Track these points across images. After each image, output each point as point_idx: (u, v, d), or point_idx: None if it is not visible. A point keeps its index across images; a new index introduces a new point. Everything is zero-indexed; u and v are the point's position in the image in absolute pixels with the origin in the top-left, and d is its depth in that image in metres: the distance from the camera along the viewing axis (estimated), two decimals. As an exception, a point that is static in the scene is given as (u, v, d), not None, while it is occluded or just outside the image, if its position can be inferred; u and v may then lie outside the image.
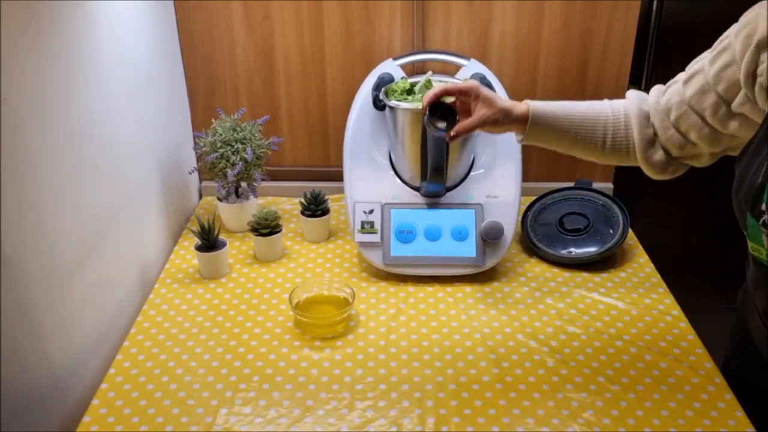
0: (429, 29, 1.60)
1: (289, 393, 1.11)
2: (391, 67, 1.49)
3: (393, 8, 1.58)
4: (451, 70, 1.51)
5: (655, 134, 1.09)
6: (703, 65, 1.00)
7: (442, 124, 1.14)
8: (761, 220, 0.86)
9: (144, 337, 1.23)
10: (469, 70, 1.47)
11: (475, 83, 1.15)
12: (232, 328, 1.26)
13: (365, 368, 1.16)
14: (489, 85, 1.41)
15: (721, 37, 0.98)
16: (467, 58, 1.51)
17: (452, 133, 1.13)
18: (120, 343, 1.23)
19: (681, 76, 1.06)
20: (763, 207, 0.85)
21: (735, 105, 0.96)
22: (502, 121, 1.12)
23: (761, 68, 0.89)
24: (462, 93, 1.13)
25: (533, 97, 1.64)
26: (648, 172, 1.12)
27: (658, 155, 1.09)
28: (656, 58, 1.70)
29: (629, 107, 1.11)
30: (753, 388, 1.11)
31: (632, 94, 1.13)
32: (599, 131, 1.11)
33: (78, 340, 1.12)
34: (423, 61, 1.56)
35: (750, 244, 0.93)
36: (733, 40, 0.94)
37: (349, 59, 1.63)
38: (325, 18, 1.59)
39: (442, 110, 1.14)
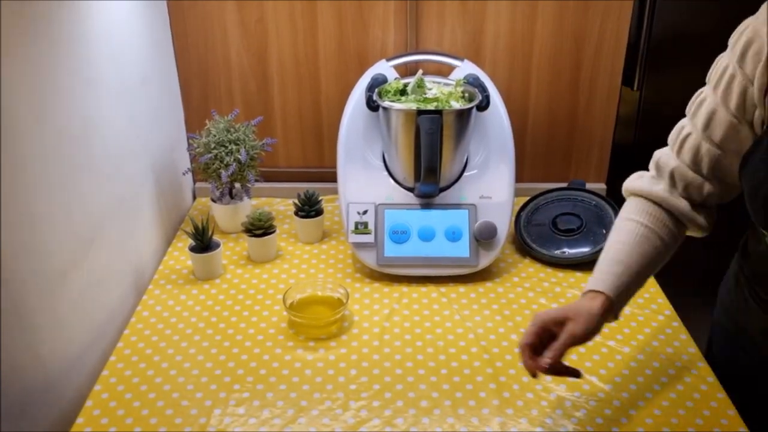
0: (422, 30, 1.60)
1: (283, 393, 1.11)
2: (384, 68, 1.49)
3: (386, 9, 1.58)
4: (445, 70, 1.52)
5: (689, 198, 1.01)
6: (716, 104, 0.93)
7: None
8: None
9: (137, 339, 1.23)
10: (462, 71, 1.48)
11: (541, 320, 0.96)
12: (226, 329, 1.26)
13: (359, 368, 1.16)
14: (482, 86, 1.41)
15: (717, 69, 0.94)
16: (461, 58, 1.52)
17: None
18: (114, 344, 1.23)
19: (688, 128, 0.98)
20: None
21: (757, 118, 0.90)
22: (592, 328, 0.95)
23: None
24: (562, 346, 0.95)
25: (527, 98, 1.67)
26: (703, 233, 1.04)
27: (700, 219, 1.01)
28: (648, 59, 1.71)
29: (653, 206, 1.03)
30: (744, 381, 1.12)
31: (631, 199, 1.05)
32: (657, 258, 1.02)
33: (71, 341, 1.12)
34: (416, 62, 1.57)
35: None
36: (737, 67, 0.90)
37: (343, 60, 1.64)
38: (318, 19, 1.59)
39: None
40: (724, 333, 1.18)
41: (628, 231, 1.01)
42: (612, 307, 0.96)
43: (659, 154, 1.04)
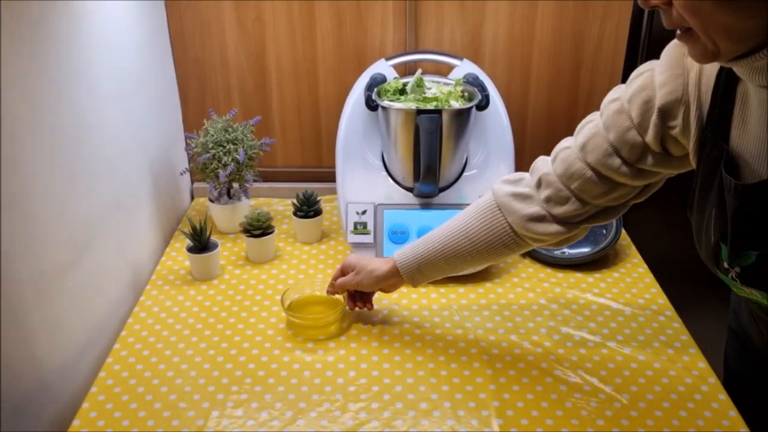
0: (421, 29, 1.60)
1: (281, 395, 1.10)
2: (383, 67, 1.49)
3: (385, 8, 1.57)
4: (444, 70, 1.51)
5: (547, 206, 1.04)
6: (598, 127, 0.97)
7: None
8: (729, 275, 0.84)
9: (135, 340, 1.22)
10: (461, 71, 1.47)
11: (345, 261, 1.23)
12: (224, 330, 1.25)
13: (358, 370, 1.15)
14: (481, 86, 1.41)
15: (609, 98, 0.97)
16: (460, 58, 1.51)
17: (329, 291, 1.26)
18: (110, 345, 1.22)
19: (571, 142, 1.02)
20: (725, 265, 0.84)
21: (646, 165, 0.94)
22: (368, 281, 1.20)
23: (675, 131, 0.89)
24: (338, 283, 1.23)
25: (526, 98, 1.66)
26: (542, 245, 1.09)
27: (552, 228, 1.05)
28: (648, 59, 1.70)
29: (492, 200, 1.09)
30: (750, 383, 1.12)
31: (497, 184, 1.10)
32: (464, 242, 1.10)
33: (68, 342, 1.11)
34: (416, 62, 1.56)
35: (733, 290, 0.90)
36: (626, 105, 0.92)
37: (342, 60, 1.63)
38: (317, 18, 1.58)
39: None
40: (732, 332, 1.18)
41: (456, 217, 1.13)
42: (398, 272, 1.16)
43: (537, 160, 1.09)
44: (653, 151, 0.93)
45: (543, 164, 1.06)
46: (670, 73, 0.87)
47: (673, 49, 0.88)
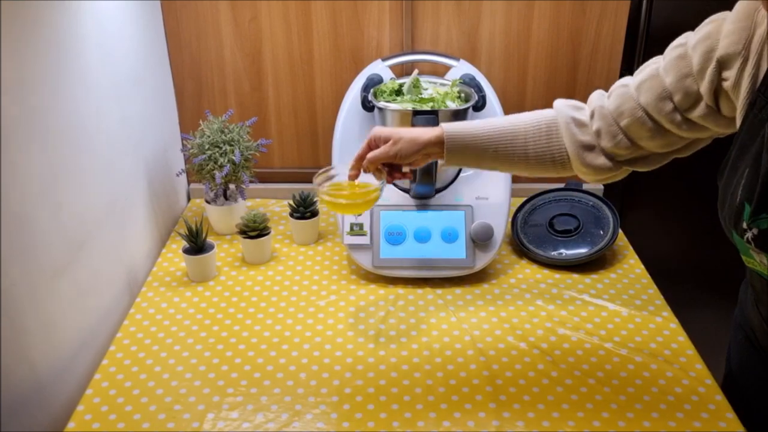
0: (418, 30, 1.59)
1: (277, 397, 1.09)
2: (380, 68, 1.48)
3: (381, 9, 1.57)
4: (441, 70, 1.51)
5: (598, 138, 1.05)
6: (657, 70, 0.98)
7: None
8: (745, 237, 0.86)
9: (130, 342, 1.22)
10: (458, 71, 1.47)
11: (372, 134, 1.12)
12: (220, 331, 1.25)
13: (354, 372, 1.15)
14: (478, 86, 1.41)
15: (674, 43, 0.97)
16: (456, 58, 1.51)
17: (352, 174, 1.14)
18: (106, 347, 1.21)
19: (630, 80, 1.03)
20: (745, 225, 0.85)
21: (695, 115, 0.95)
22: (407, 150, 1.09)
23: (727, 84, 0.89)
24: (371, 156, 1.11)
25: (523, 98, 1.66)
26: (587, 176, 1.09)
27: (600, 160, 1.05)
28: (645, 59, 1.70)
29: (555, 117, 1.08)
30: (750, 379, 1.12)
31: (560, 103, 1.09)
32: (519, 144, 1.08)
33: (63, 344, 1.11)
34: (412, 62, 1.56)
35: (743, 257, 0.92)
36: (690, 51, 0.93)
37: (338, 60, 1.63)
38: (313, 19, 1.58)
39: None
40: (737, 326, 1.18)
41: (514, 118, 1.10)
42: (442, 144, 1.08)
43: (594, 93, 1.09)
44: (705, 103, 0.93)
45: (598, 98, 1.07)
46: (737, 25, 0.87)
47: (747, 1, 0.88)
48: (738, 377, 1.15)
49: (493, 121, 1.11)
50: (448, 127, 1.09)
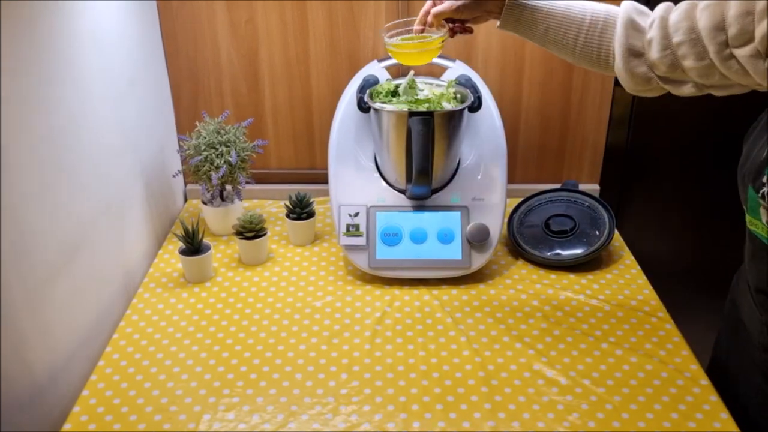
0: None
1: (273, 398, 1.10)
2: (375, 69, 1.48)
3: (377, 10, 1.57)
4: (437, 71, 1.51)
5: (648, 47, 1.04)
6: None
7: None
8: (761, 192, 0.88)
9: (126, 343, 1.22)
10: (454, 72, 1.47)
11: None
12: (216, 332, 1.25)
13: (350, 372, 1.15)
14: (474, 87, 1.41)
15: None
16: (453, 59, 1.51)
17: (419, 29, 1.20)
18: (102, 348, 1.22)
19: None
20: (764, 179, 0.88)
21: (741, 54, 0.94)
22: (469, 6, 1.13)
23: None
24: (436, 11, 1.16)
25: (519, 99, 1.66)
26: (626, 83, 1.09)
27: (642, 69, 1.05)
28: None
29: (617, 14, 1.07)
30: (741, 372, 1.14)
31: (629, 4, 1.09)
32: (572, 30, 1.09)
33: (59, 346, 1.11)
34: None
35: (748, 218, 0.95)
36: None
37: (334, 61, 1.63)
38: (309, 20, 1.58)
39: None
40: (729, 321, 1.20)
41: (581, 2, 1.10)
42: (503, 3, 1.10)
43: (663, 3, 1.06)
44: (755, 47, 0.92)
45: (665, 9, 1.04)
46: None
47: None
48: (723, 363, 1.18)
49: (557, 4, 1.10)
50: None
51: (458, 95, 1.41)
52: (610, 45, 1.07)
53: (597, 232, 1.48)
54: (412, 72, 1.44)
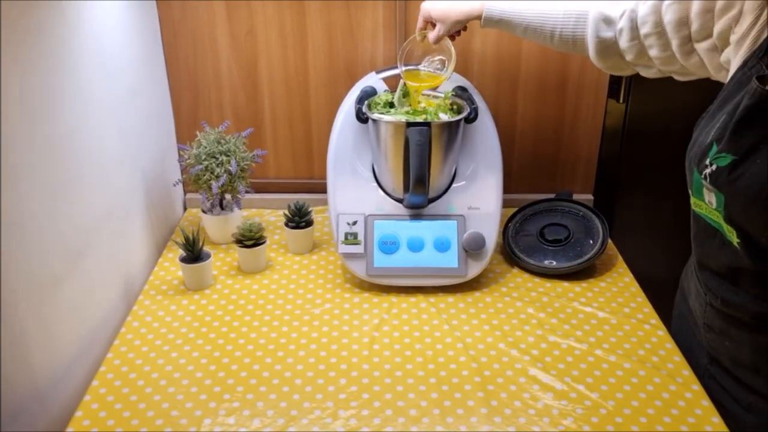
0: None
1: (273, 403, 1.11)
2: (374, 80, 1.51)
3: (376, 22, 1.60)
4: (433, 83, 1.53)
5: (619, 37, 1.17)
6: None
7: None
8: (703, 174, 0.95)
9: (128, 349, 1.23)
10: (450, 84, 1.49)
11: (424, 15, 1.36)
12: (216, 338, 1.27)
13: (349, 378, 1.17)
14: (470, 98, 1.43)
15: None
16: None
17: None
18: (104, 354, 1.23)
19: None
20: (707, 161, 0.94)
21: (701, 48, 1.04)
22: (456, 27, 1.34)
23: (733, 38, 0.96)
24: (435, 38, 1.36)
25: (514, 111, 1.69)
26: (601, 67, 1.25)
27: (613, 57, 1.20)
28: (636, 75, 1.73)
29: (587, 11, 1.20)
30: (690, 356, 1.21)
31: (593, 3, 1.21)
32: (547, 28, 1.25)
33: (61, 351, 1.12)
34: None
35: (693, 200, 1.03)
36: None
37: (333, 72, 1.65)
38: (308, 32, 1.61)
39: None
40: (677, 312, 1.28)
41: (551, 4, 1.25)
42: (480, 17, 1.30)
43: None
44: (713, 42, 1.01)
45: (635, 3, 1.14)
46: None
47: None
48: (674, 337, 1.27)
49: (530, 4, 1.27)
50: (488, 4, 1.29)
51: (455, 106, 1.44)
52: (583, 38, 1.23)
53: (591, 241, 1.50)
54: (402, 81, 1.45)
